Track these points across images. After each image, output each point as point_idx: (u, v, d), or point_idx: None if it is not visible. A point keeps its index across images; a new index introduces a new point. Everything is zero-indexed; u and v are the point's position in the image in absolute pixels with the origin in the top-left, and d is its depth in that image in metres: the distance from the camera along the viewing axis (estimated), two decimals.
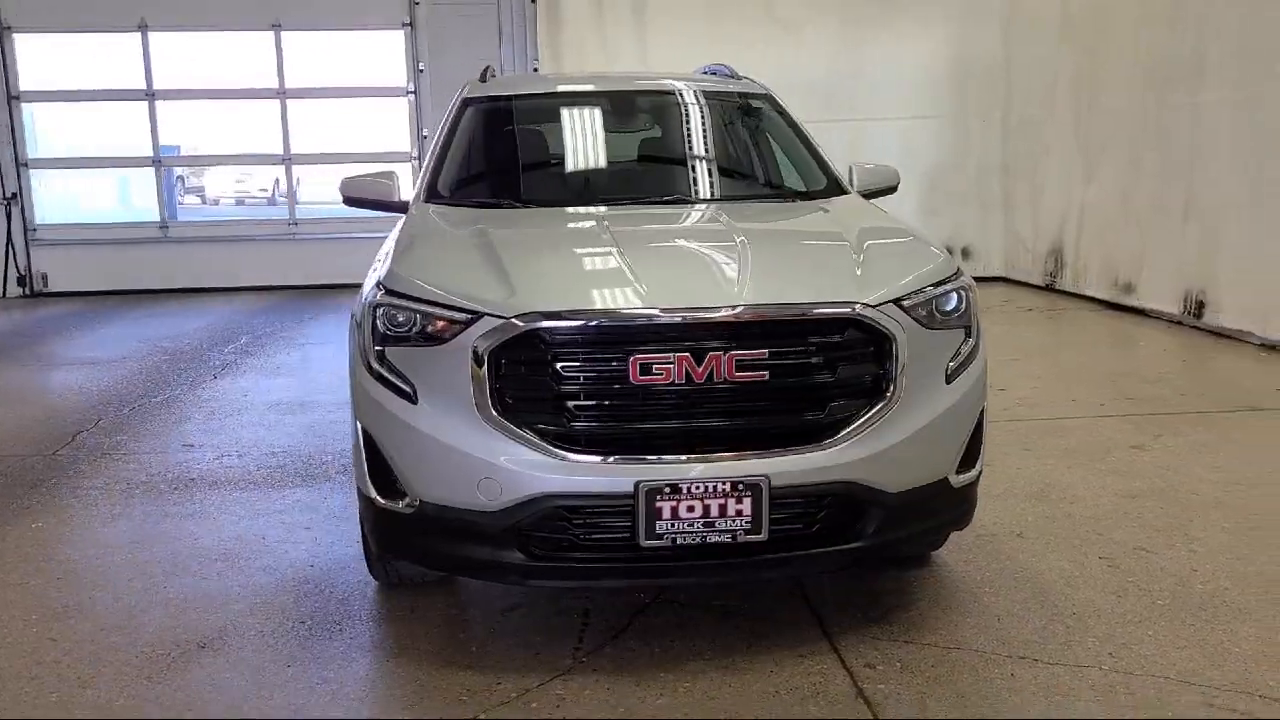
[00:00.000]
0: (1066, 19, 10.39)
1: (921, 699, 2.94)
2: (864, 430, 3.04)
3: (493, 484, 2.98)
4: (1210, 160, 8.32)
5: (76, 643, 3.39)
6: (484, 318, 2.98)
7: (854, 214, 3.90)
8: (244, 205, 23.99)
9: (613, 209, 3.92)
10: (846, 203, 4.11)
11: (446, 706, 2.95)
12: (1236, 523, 4.26)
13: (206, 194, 25.01)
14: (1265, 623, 3.37)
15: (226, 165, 17.75)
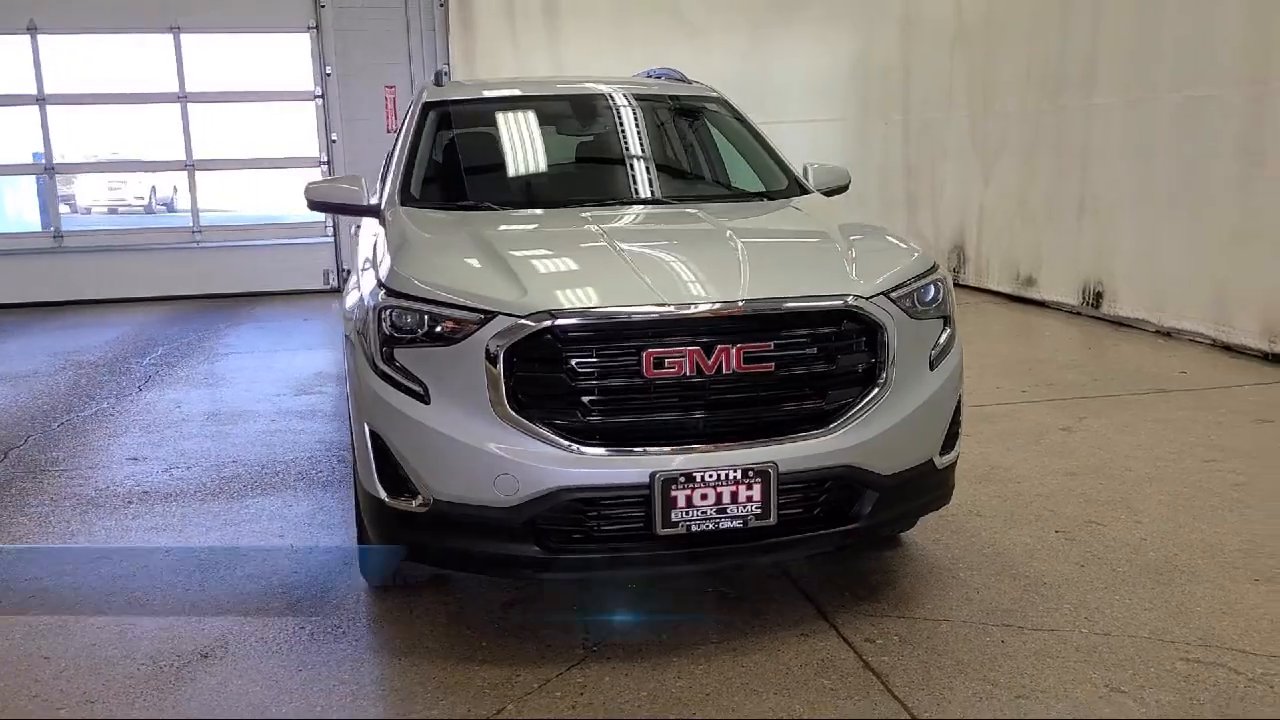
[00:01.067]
0: (960, 26, 10.85)
1: (925, 668, 3.12)
2: (860, 416, 3.21)
3: (509, 479, 3.04)
4: (1102, 160, 8.82)
5: (71, 659, 3.32)
6: (498, 317, 3.04)
7: (827, 212, 4.08)
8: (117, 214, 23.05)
9: (597, 210, 4.01)
10: (814, 202, 4.28)
11: (472, 701, 3.00)
12: (1170, 495, 4.58)
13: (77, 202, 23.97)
14: (1215, 583, 3.66)
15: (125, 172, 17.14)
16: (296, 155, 12.02)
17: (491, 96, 4.85)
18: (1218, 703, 2.87)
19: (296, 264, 12.00)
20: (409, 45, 11.88)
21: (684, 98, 4.95)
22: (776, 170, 4.56)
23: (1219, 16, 7.44)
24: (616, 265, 3.30)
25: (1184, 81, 7.80)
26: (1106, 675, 3.04)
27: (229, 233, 12.28)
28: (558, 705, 2.97)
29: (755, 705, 2.94)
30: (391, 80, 11.94)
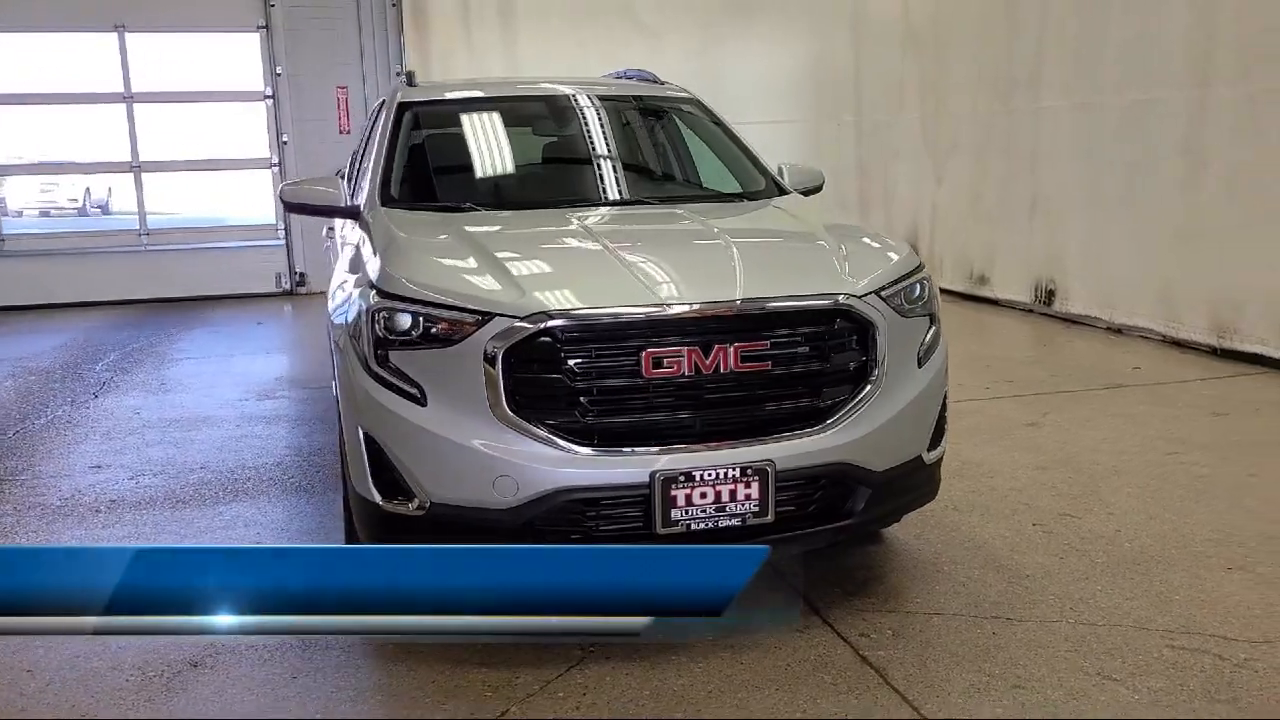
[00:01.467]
0: (909, 30, 11.00)
1: (921, 661, 3.16)
2: (854, 414, 3.25)
3: (509, 481, 3.04)
4: (1052, 161, 9.00)
5: (56, 672, 3.24)
6: (496, 318, 3.04)
7: (811, 212, 4.12)
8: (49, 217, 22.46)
9: (582, 210, 4.01)
10: (796, 202, 4.33)
11: (475, 704, 2.99)
12: (1138, 487, 4.70)
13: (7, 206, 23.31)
14: (1191, 572, 3.76)
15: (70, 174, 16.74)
16: (247, 157, 11.83)
17: (469, 97, 4.83)
18: (1206, 688, 2.95)
19: (248, 267, 11.81)
20: (361, 45, 11.76)
21: (659, 99, 4.97)
22: (754, 171, 4.59)
23: (1162, 21, 7.63)
24: (612, 266, 3.31)
25: (1129, 84, 8.00)
26: (1098, 664, 3.11)
27: (178, 235, 12.07)
28: (561, 706, 2.97)
29: (759, 701, 2.97)
30: (344, 81, 11.82)
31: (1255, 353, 7.02)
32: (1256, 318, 7.04)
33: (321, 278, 11.76)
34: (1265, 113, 6.84)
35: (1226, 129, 7.16)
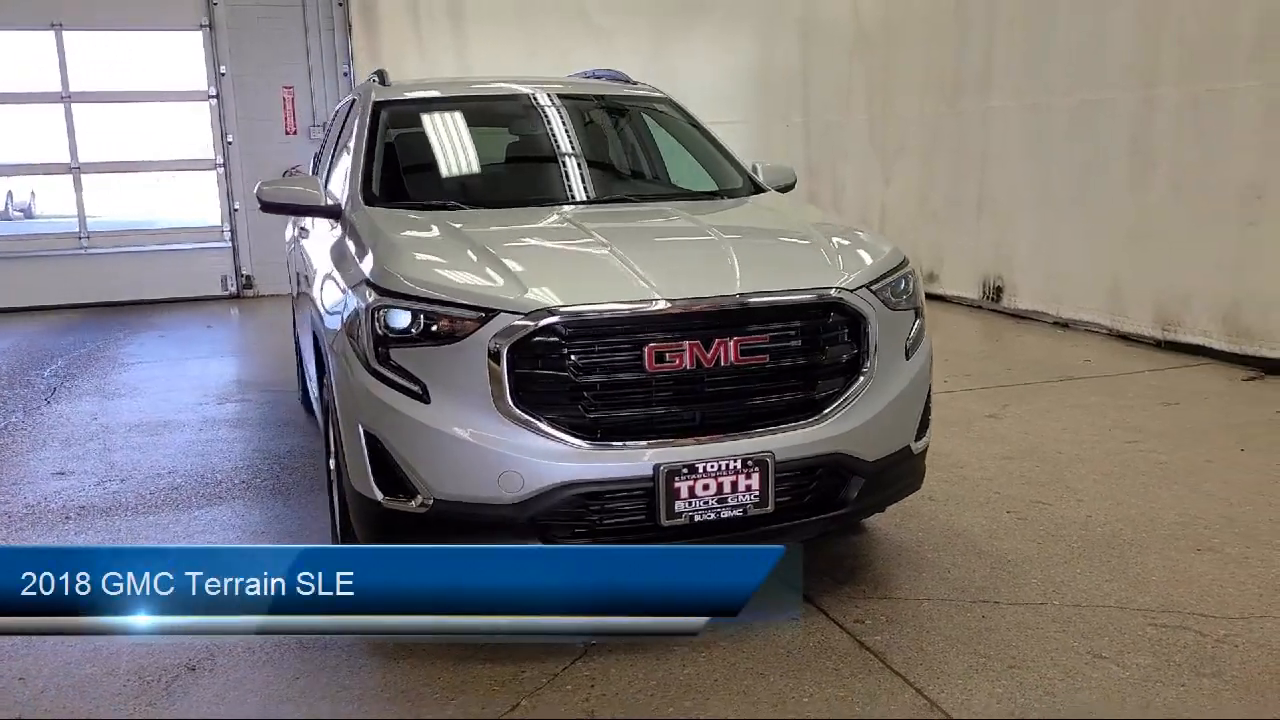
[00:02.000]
0: (859, 34, 11.18)
1: (918, 645, 3.24)
2: (848, 406, 3.32)
3: (514, 476, 3.06)
4: (1001, 161, 9.22)
5: (49, 679, 3.19)
6: (500, 315, 3.05)
7: (794, 209, 4.19)
8: None
9: (570, 208, 4.04)
10: (777, 199, 4.39)
11: (484, 699, 3.00)
12: (1101, 474, 4.85)
13: None
14: (1162, 554, 3.90)
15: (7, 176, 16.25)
16: (191, 158, 11.63)
17: (446, 96, 4.82)
18: (1192, 663, 3.07)
19: (193, 270, 11.61)
20: (307, 45, 11.64)
21: (634, 98, 5.01)
22: (731, 169, 4.65)
23: (1109, 24, 7.86)
24: (611, 262, 3.34)
25: (1077, 86, 8.22)
26: (1086, 643, 3.22)
27: (119, 238, 11.79)
28: (571, 699, 3.00)
29: (765, 687, 3.02)
30: (289, 81, 11.69)
31: (1198, 344, 7.26)
32: (1200, 311, 7.28)
33: (270, 280, 11.71)
34: (1209, 114, 7.08)
35: (1173, 129, 7.40)
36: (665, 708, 2.93)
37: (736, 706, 2.93)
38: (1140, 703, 2.87)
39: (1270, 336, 6.78)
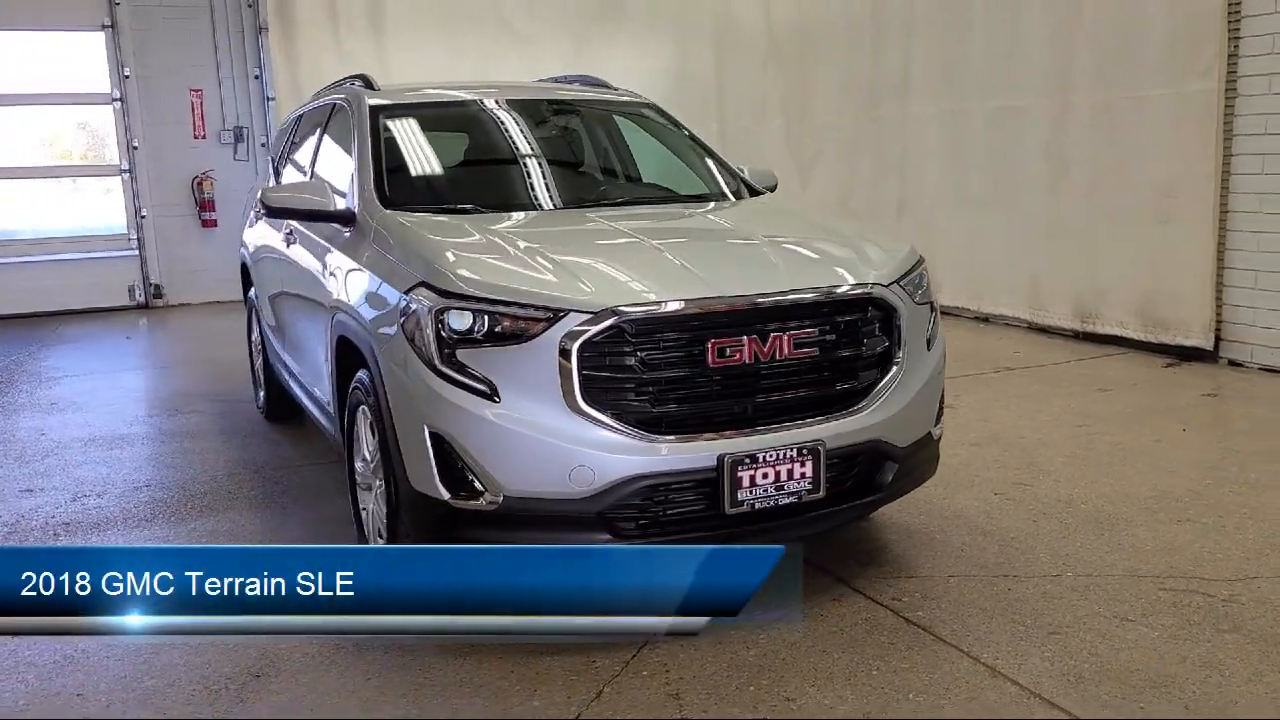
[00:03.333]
0: (772, 43, 11.49)
1: (960, 618, 3.45)
2: (884, 395, 3.51)
3: (585, 471, 3.14)
4: (920, 164, 9.64)
5: (108, 693, 3.13)
6: (570, 314, 3.13)
7: (805, 210, 4.37)
8: None
9: (596, 210, 4.13)
10: (780, 200, 4.56)
11: (566, 688, 3.07)
12: (1066, 457, 5.18)
13: None
14: (1149, 526, 4.22)
15: None
16: (94, 163, 11.18)
17: (445, 101, 4.83)
18: (1210, 621, 3.36)
19: (97, 280, 11.18)
20: (216, 47, 11.34)
21: (624, 104, 5.12)
22: (723, 172, 4.81)
23: (1024, 36, 8.32)
24: (666, 262, 3.45)
25: (994, 93, 8.68)
26: (1110, 609, 3.48)
27: (15, 247, 11.23)
28: (650, 683, 3.09)
29: (831, 663, 3.18)
30: (198, 83, 11.38)
31: (1115, 335, 7.76)
32: (1117, 304, 7.79)
33: (181, 289, 11.38)
34: (1123, 119, 7.58)
35: (1087, 134, 7.89)
36: (747, 687, 3.06)
37: (815, 681, 3.07)
38: (1176, 658, 3.13)
39: (1183, 326, 7.30)
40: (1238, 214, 6.99)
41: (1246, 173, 6.90)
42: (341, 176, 4.50)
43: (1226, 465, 4.95)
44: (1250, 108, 6.83)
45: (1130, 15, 7.46)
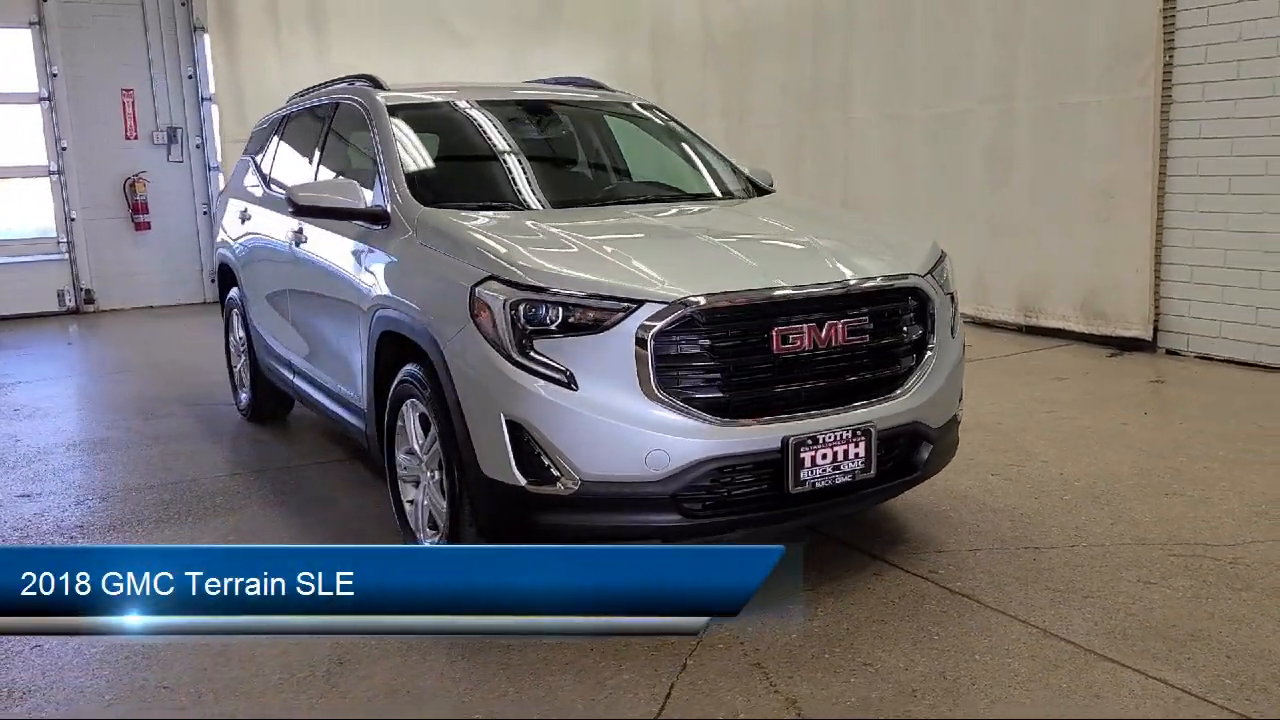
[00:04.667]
0: (710, 46, 11.74)
1: (997, 586, 3.69)
2: (922, 379, 3.73)
3: (660, 454, 3.28)
4: (864, 166, 9.99)
5: (195, 684, 3.14)
6: (645, 305, 3.27)
7: (824, 207, 4.57)
8: None
9: (634, 207, 4.26)
10: (792, 199, 4.76)
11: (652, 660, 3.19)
12: (1047, 440, 5.50)
13: None
14: (1142, 500, 4.53)
15: None
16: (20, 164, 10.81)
17: (461, 100, 4.89)
18: (1224, 581, 3.66)
19: (23, 285, 10.81)
20: (148, 45, 11.10)
21: (632, 105, 5.26)
22: (731, 171, 4.99)
23: (967, 44, 8.72)
24: (723, 254, 3.61)
25: (939, 98, 9.06)
26: (1131, 574, 3.76)
27: None
28: (729, 655, 3.24)
29: (893, 631, 3.38)
30: (129, 83, 11.11)
31: (1059, 328, 8.21)
32: (1060, 299, 8.23)
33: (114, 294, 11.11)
34: (1064, 124, 8.02)
35: (1029, 138, 8.32)
36: (822, 654, 3.23)
37: (883, 647, 3.26)
38: (1204, 615, 3.41)
39: (1123, 318, 7.77)
40: (1174, 213, 7.48)
41: (1182, 174, 7.39)
42: (358, 175, 4.54)
43: (1193, 444, 5.33)
44: (1185, 114, 7.32)
45: (1071, 27, 7.90)
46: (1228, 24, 6.98)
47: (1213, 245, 7.26)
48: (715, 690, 3.04)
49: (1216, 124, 7.13)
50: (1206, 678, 3.01)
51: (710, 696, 3.01)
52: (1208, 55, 7.14)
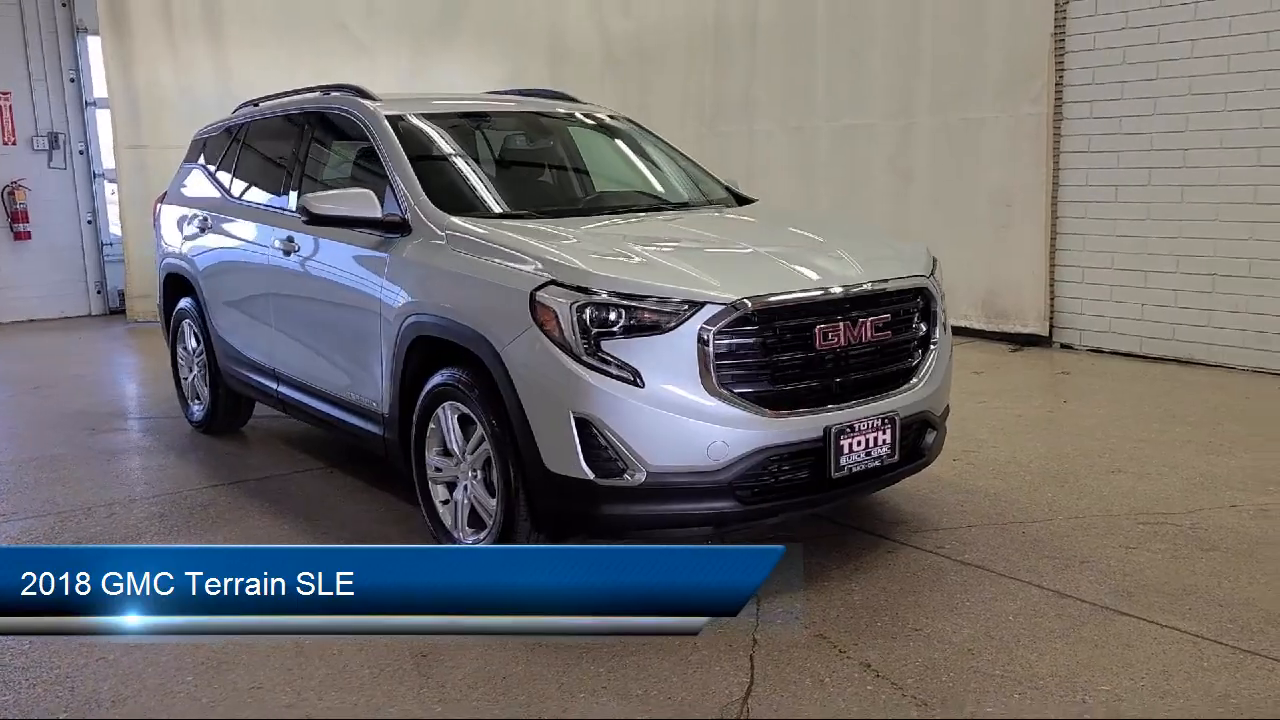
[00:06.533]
0: (609, 58, 12.00)
1: (1001, 557, 4.07)
2: (929, 371, 4.10)
3: (720, 445, 3.53)
4: (767, 175, 10.40)
5: (284, 685, 3.20)
6: (707, 305, 3.51)
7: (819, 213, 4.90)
8: None
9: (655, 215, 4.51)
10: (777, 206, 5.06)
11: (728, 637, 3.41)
12: (989, 428, 5.96)
13: None
14: (1095, 478, 5.01)
15: None
16: None
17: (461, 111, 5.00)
18: (1193, 544, 4.15)
19: None
20: (26, 45, 10.60)
21: (609, 118, 5.48)
22: (711, 181, 5.27)
23: (867, 63, 9.26)
24: (767, 259, 3.90)
25: (839, 113, 9.58)
26: (1112, 540, 4.21)
27: None
28: (792, 628, 3.51)
29: (927, 600, 3.72)
30: (6, 86, 10.61)
31: (962, 326, 8.79)
32: (961, 298, 8.81)
33: None
34: (961, 138, 8.65)
35: (929, 150, 8.92)
36: (874, 622, 3.54)
37: (926, 614, 3.60)
38: (1188, 573, 3.88)
39: (1021, 316, 8.44)
40: (1066, 219, 8.18)
41: (1073, 185, 8.10)
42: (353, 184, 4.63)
43: (1116, 428, 5.91)
44: (1075, 129, 8.03)
45: (968, 50, 8.53)
46: (1113, 49, 7.71)
47: (1102, 249, 7.98)
48: (793, 659, 3.30)
49: (1103, 139, 7.85)
50: (1210, 625, 3.45)
51: (791, 665, 3.27)
52: (1095, 77, 7.85)
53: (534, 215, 4.35)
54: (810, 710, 3.02)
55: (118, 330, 10.37)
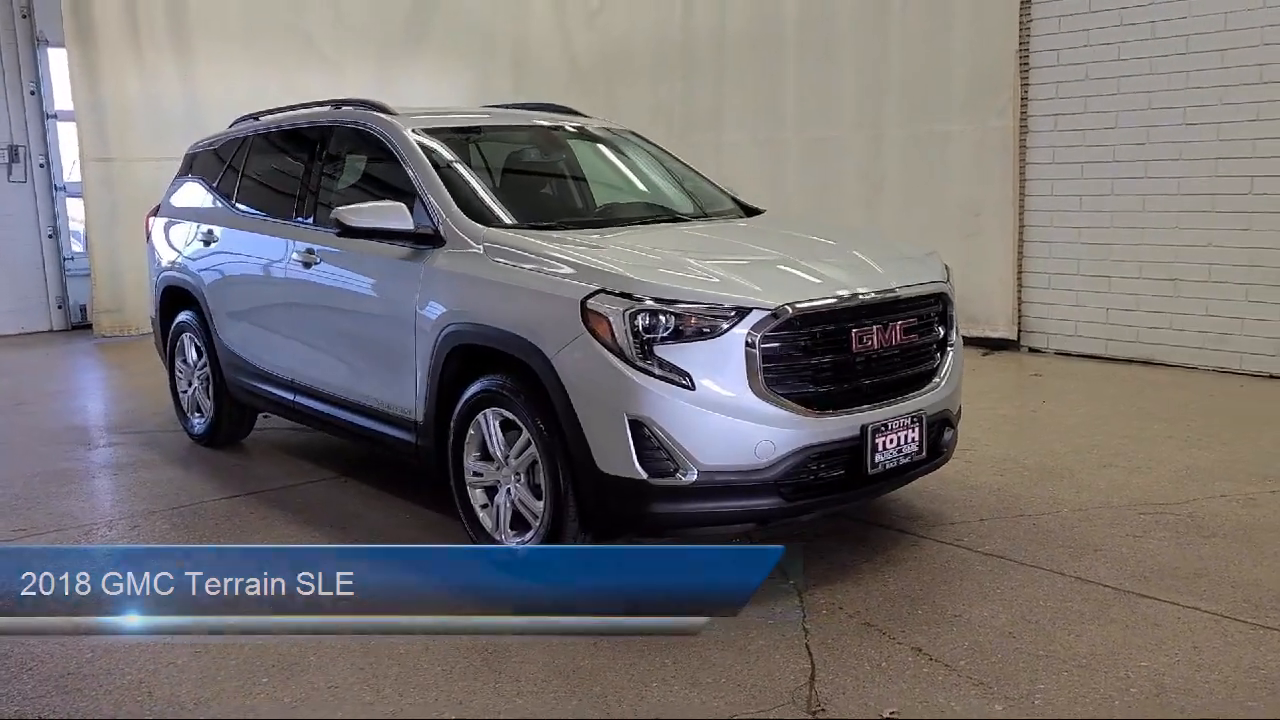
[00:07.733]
0: (575, 71, 12.12)
1: (1017, 548, 4.29)
2: (947, 372, 4.31)
3: (768, 445, 3.69)
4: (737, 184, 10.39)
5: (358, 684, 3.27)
6: (753, 312, 3.68)
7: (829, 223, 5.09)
8: None
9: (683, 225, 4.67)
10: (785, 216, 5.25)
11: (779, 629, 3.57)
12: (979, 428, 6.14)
13: None
14: (1089, 473, 5.27)
15: None
16: None
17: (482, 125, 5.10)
18: (1193, 531, 4.41)
19: None
20: None
21: (617, 133, 5.63)
22: (717, 192, 5.45)
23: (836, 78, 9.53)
24: (797, 266, 4.06)
25: (809, 126, 9.84)
26: (1118, 530, 4.46)
27: None
28: (837, 618, 3.67)
29: (961, 589, 3.92)
30: None
31: None
32: None
33: None
34: (929, 149, 8.96)
35: (898, 161, 9.22)
36: (915, 610, 3.73)
37: (962, 601, 3.80)
38: (1194, 557, 4.13)
39: (991, 321, 8.75)
40: (1033, 228, 8.52)
41: (1039, 195, 8.44)
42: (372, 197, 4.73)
43: (1099, 425, 6.20)
44: (1040, 141, 8.37)
45: (935, 64, 8.84)
46: (1076, 65, 8.07)
47: (1067, 256, 8.33)
48: (847, 646, 3.47)
49: (1068, 150, 8.20)
50: (1226, 604, 3.70)
51: (847, 651, 3.43)
52: (1059, 91, 8.20)
53: (559, 226, 4.48)
54: (875, 690, 3.18)
55: (85, 345, 10.23)
